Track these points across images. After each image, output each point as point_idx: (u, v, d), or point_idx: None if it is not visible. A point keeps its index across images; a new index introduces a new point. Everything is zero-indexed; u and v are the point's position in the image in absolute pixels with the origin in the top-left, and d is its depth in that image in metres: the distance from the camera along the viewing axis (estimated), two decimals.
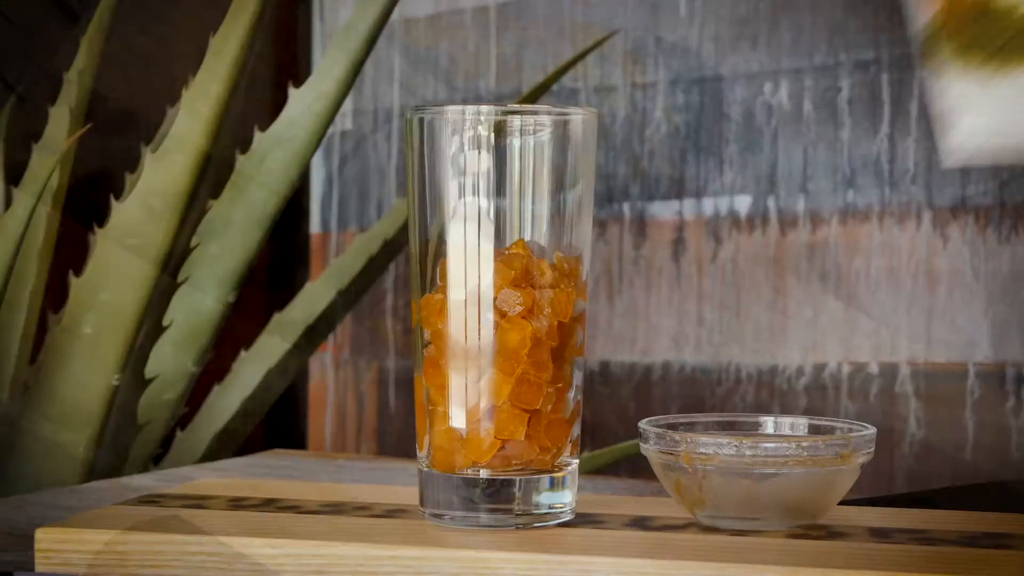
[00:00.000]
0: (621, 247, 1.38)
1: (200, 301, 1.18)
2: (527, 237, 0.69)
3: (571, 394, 0.70)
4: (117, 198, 1.34)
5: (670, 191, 1.36)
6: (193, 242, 1.11)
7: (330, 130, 1.52)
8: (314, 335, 1.28)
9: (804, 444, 0.67)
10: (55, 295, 1.25)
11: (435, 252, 0.70)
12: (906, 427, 1.25)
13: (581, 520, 0.71)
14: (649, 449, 0.69)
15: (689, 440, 0.68)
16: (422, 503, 0.70)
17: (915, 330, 1.25)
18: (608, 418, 1.39)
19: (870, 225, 1.27)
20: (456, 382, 0.69)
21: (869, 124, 1.26)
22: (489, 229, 0.69)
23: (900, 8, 1.24)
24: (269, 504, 0.74)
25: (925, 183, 1.25)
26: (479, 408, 0.68)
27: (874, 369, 1.27)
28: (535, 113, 0.69)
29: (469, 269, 0.69)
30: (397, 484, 0.90)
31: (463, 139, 0.69)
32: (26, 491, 1.10)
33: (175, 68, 1.54)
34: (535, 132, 0.69)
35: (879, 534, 0.68)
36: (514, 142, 0.69)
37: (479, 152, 0.69)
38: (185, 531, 0.67)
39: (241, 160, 1.18)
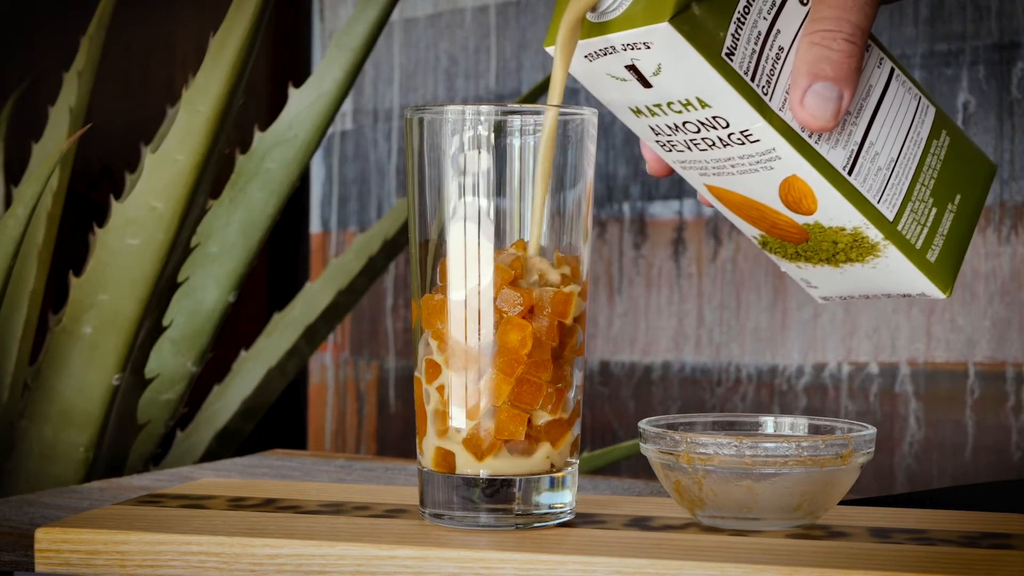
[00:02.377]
0: (621, 247, 1.38)
1: (200, 301, 1.18)
2: (527, 237, 0.69)
3: (571, 394, 0.70)
4: (117, 198, 1.34)
5: (670, 191, 1.36)
6: (193, 242, 1.11)
7: (330, 130, 1.52)
8: (314, 335, 1.28)
9: (804, 444, 0.67)
10: (55, 295, 1.25)
11: (435, 252, 0.70)
12: (906, 427, 1.25)
13: (581, 520, 0.71)
14: (649, 449, 0.69)
15: (689, 440, 0.68)
16: (422, 503, 0.70)
17: (915, 330, 1.25)
18: (608, 418, 1.39)
19: None
20: (456, 382, 0.69)
21: None
22: (489, 229, 0.69)
23: (900, 6, 1.24)
24: (269, 504, 0.74)
25: None
26: (479, 408, 0.68)
27: (874, 369, 1.27)
28: (535, 113, 0.69)
29: (469, 269, 0.69)
30: (397, 484, 0.91)
31: (463, 139, 0.69)
32: (26, 491, 1.10)
33: (175, 68, 1.55)
34: (535, 132, 0.69)
35: (879, 534, 0.68)
36: (514, 142, 0.69)
37: (479, 152, 0.69)
38: (185, 531, 0.68)
39: (241, 160, 1.18)
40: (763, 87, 0.67)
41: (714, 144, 0.69)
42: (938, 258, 0.72)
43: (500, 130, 0.69)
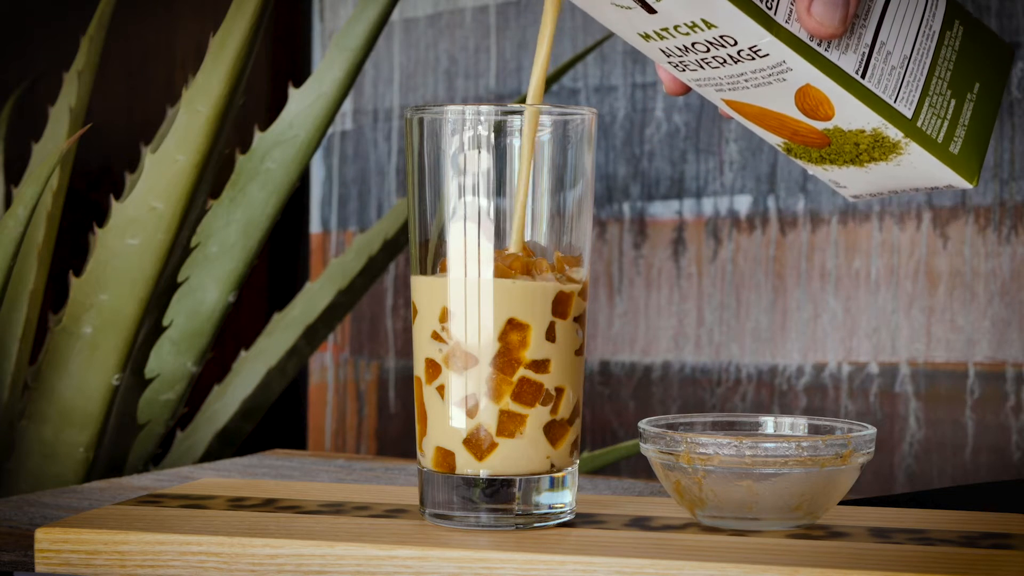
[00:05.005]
0: (621, 247, 1.38)
1: (200, 301, 1.18)
2: (527, 237, 0.69)
3: (571, 394, 0.70)
4: (117, 198, 1.33)
5: (670, 191, 1.36)
6: (193, 242, 1.11)
7: (330, 130, 1.52)
8: (314, 335, 1.28)
9: (804, 444, 0.67)
10: (55, 295, 1.25)
11: (435, 252, 0.70)
12: (906, 427, 1.25)
13: (581, 520, 0.71)
14: (649, 449, 0.69)
15: (689, 440, 0.68)
16: (422, 503, 0.70)
17: (915, 330, 1.25)
18: (608, 418, 1.39)
19: (870, 225, 1.27)
20: (456, 382, 0.69)
21: None
22: (489, 229, 0.69)
23: None
24: (269, 504, 0.74)
25: None
26: (479, 408, 0.68)
27: (874, 369, 1.27)
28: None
29: (469, 269, 0.69)
30: (397, 484, 0.91)
31: (463, 139, 0.69)
32: (26, 491, 1.10)
33: (175, 68, 1.55)
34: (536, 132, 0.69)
35: (879, 534, 0.68)
36: (514, 142, 0.69)
37: (479, 152, 0.69)
38: (185, 531, 0.68)
39: (241, 160, 1.18)
40: (767, 1, 0.68)
41: (725, 61, 0.70)
42: (961, 149, 0.73)
43: (500, 130, 0.69)
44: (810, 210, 1.30)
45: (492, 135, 0.69)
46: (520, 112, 0.69)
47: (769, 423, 0.73)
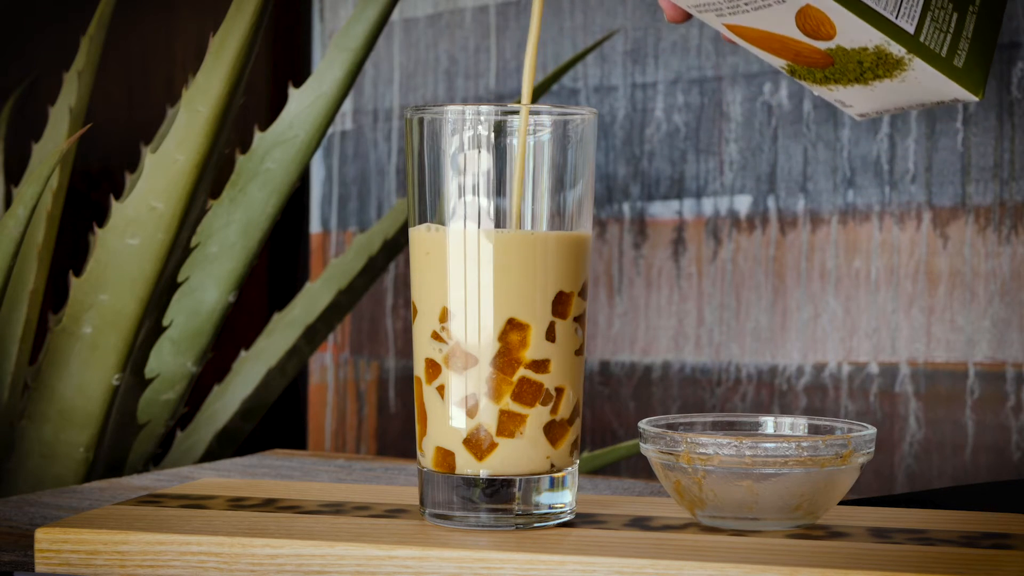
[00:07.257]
0: (621, 247, 1.38)
1: (200, 301, 1.18)
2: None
3: (571, 394, 0.70)
4: (117, 198, 1.34)
5: (670, 191, 1.36)
6: (193, 242, 1.11)
7: (330, 130, 1.52)
8: (314, 335, 1.28)
9: (804, 444, 0.67)
10: (55, 295, 1.25)
11: None
12: (906, 427, 1.25)
13: (581, 520, 0.71)
14: (649, 449, 0.69)
15: (689, 440, 0.68)
16: (422, 503, 0.70)
17: (915, 330, 1.25)
18: (608, 418, 1.39)
19: (870, 225, 1.27)
20: (456, 382, 0.69)
21: (869, 124, 1.26)
22: (489, 229, 0.69)
23: None
24: (269, 504, 0.74)
25: (925, 183, 1.25)
26: (479, 408, 0.68)
27: (874, 369, 1.27)
28: (535, 113, 0.69)
29: (469, 269, 0.69)
30: (397, 484, 0.90)
31: (463, 139, 0.69)
32: (26, 491, 1.10)
33: (175, 68, 1.55)
34: (535, 132, 0.69)
35: (879, 534, 0.68)
36: (514, 142, 0.69)
37: (479, 152, 0.69)
38: (185, 531, 0.68)
39: (241, 160, 1.18)
40: None
41: None
42: (965, 62, 0.72)
43: (500, 130, 0.69)
44: (810, 210, 1.30)
45: (492, 135, 0.69)
46: (520, 112, 0.69)
47: (769, 423, 0.73)
